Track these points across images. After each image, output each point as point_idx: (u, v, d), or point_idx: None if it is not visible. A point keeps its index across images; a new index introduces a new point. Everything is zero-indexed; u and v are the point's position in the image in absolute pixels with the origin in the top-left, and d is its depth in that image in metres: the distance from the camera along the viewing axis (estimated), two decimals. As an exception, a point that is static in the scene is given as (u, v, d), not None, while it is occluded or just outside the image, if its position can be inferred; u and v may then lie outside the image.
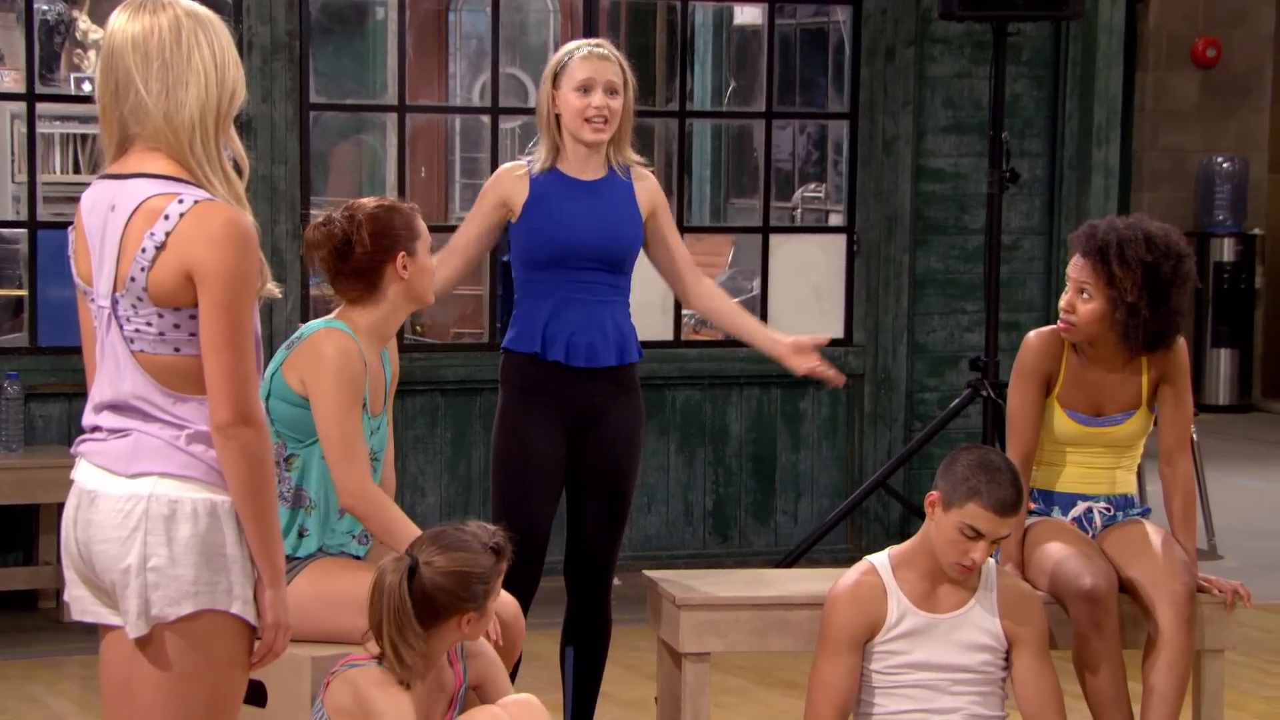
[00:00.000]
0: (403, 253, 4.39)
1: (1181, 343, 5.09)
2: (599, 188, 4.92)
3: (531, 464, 4.88)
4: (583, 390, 4.91)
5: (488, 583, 3.98)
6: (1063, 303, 4.99)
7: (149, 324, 3.28)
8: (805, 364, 5.07)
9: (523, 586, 4.76)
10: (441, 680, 4.07)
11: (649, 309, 5.23)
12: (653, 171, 5.06)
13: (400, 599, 3.90)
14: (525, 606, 4.81)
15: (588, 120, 4.84)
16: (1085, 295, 4.93)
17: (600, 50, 4.91)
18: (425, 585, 3.93)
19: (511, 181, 4.92)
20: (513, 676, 4.46)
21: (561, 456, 4.91)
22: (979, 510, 4.52)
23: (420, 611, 3.93)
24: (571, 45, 4.96)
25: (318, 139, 8.25)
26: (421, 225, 4.47)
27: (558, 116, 4.88)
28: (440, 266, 4.85)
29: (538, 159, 4.92)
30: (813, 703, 4.66)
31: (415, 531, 4.17)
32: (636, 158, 5.01)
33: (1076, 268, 4.98)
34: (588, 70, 4.85)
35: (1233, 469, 10.04)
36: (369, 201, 4.48)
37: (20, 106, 7.63)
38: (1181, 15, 13.01)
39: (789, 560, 7.29)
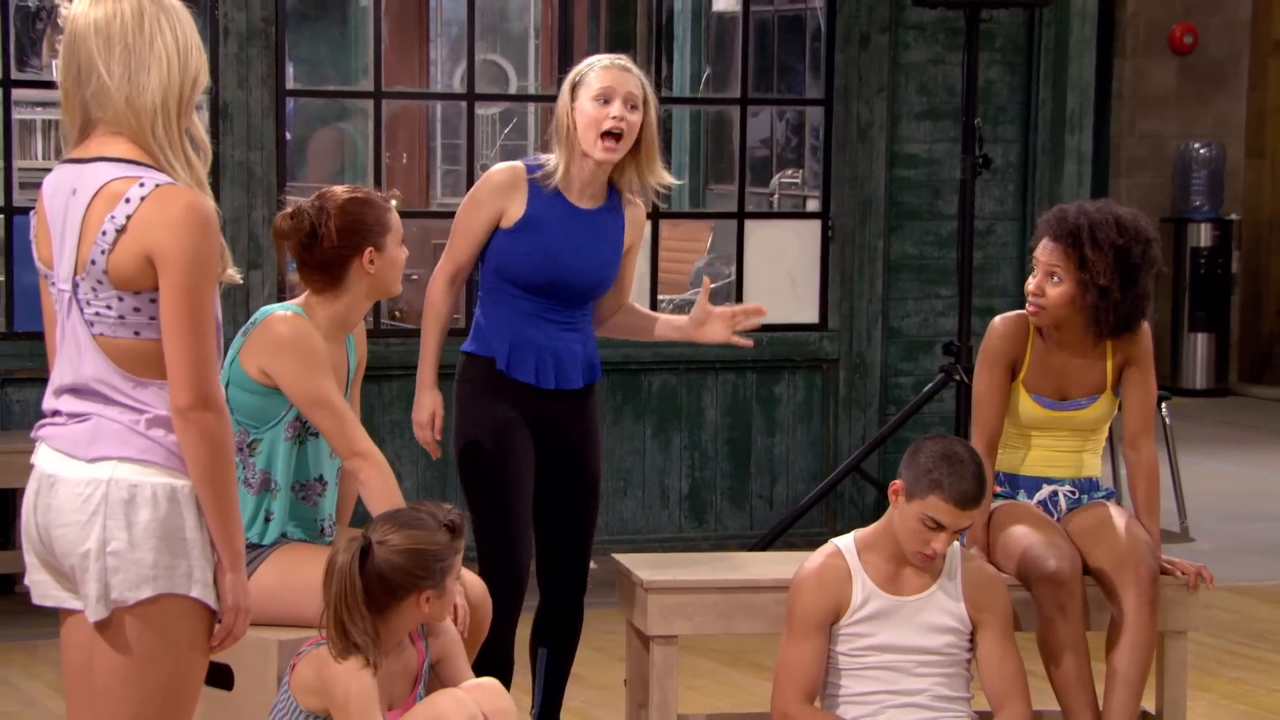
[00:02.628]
0: (370, 248, 4.37)
1: (1146, 327, 5.09)
2: (594, 219, 4.81)
3: (510, 480, 4.80)
4: (547, 410, 4.85)
5: (444, 560, 3.96)
6: (1031, 286, 4.98)
7: (109, 307, 3.27)
8: (714, 331, 4.92)
9: (509, 594, 4.74)
10: (405, 659, 4.07)
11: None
12: (668, 190, 4.94)
13: (350, 578, 3.89)
14: (515, 609, 4.80)
15: (603, 135, 4.69)
16: (1055, 279, 4.93)
17: (622, 63, 4.78)
18: (380, 565, 3.92)
19: (510, 190, 4.78)
20: (483, 655, 4.46)
21: (533, 460, 4.85)
22: (940, 503, 4.52)
23: (378, 591, 3.92)
24: (593, 58, 4.83)
25: (299, 125, 8.25)
26: (392, 219, 4.42)
27: (572, 129, 4.73)
28: (453, 285, 4.85)
29: (547, 168, 4.79)
30: (780, 685, 4.66)
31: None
32: (668, 178, 4.86)
33: (1046, 251, 4.97)
34: (607, 80, 4.72)
35: (1208, 453, 10.05)
36: (341, 191, 4.44)
37: (-2, 92, 7.61)
38: (1159, 2, 13.02)
39: (764, 543, 7.29)
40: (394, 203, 4.49)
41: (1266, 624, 6.87)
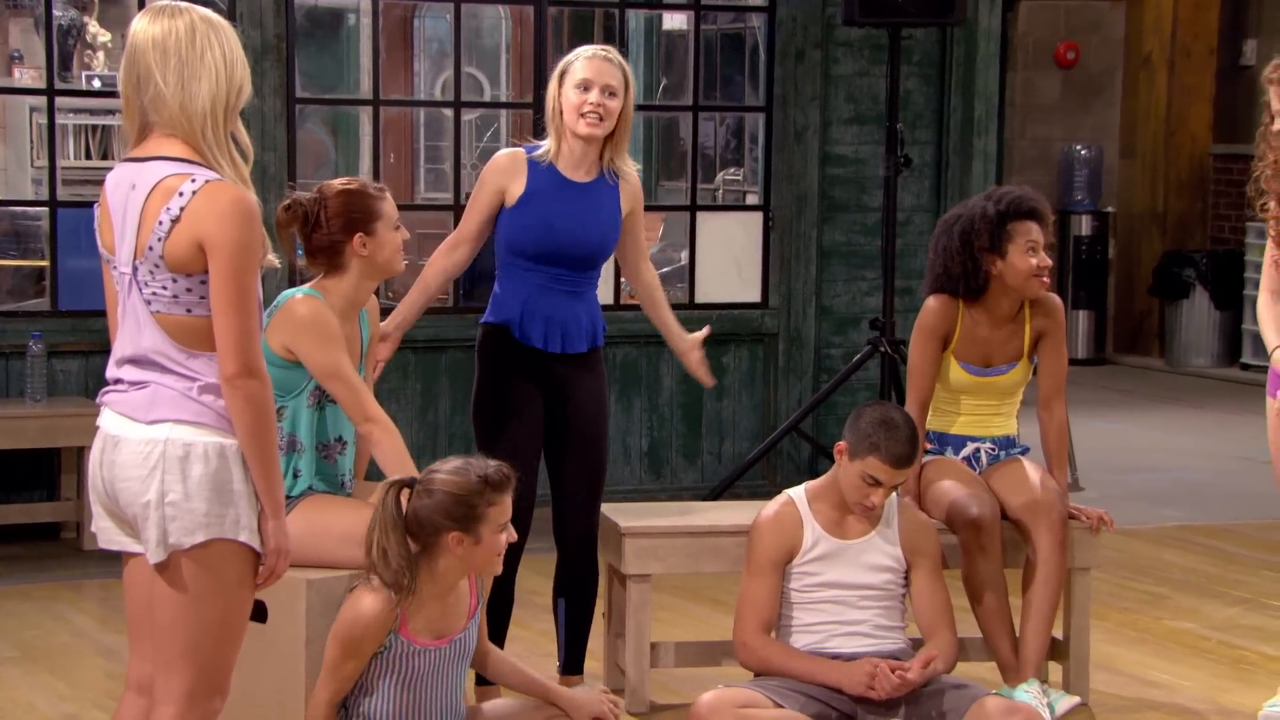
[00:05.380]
0: (360, 233, 4.32)
1: (1060, 303, 5.12)
2: (589, 191, 4.74)
3: (516, 434, 4.71)
4: (555, 372, 4.75)
5: (473, 505, 3.87)
6: (1035, 263, 4.96)
7: (164, 288, 3.25)
8: (694, 364, 5.06)
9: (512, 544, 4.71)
10: (460, 598, 4.01)
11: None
12: (637, 171, 4.88)
13: (389, 509, 3.85)
14: (517, 553, 4.71)
15: (583, 115, 4.65)
16: (1046, 253, 4.98)
17: (604, 53, 4.72)
18: (418, 501, 3.89)
19: (511, 170, 4.73)
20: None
21: (541, 427, 4.76)
22: (878, 463, 4.53)
23: (414, 526, 3.89)
24: (580, 49, 4.76)
25: (302, 129, 8.18)
26: (383, 206, 4.35)
27: (559, 113, 4.69)
28: (452, 252, 4.78)
29: (542, 149, 4.74)
30: (741, 617, 4.66)
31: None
32: (629, 166, 4.81)
33: (1041, 231, 4.97)
34: (588, 70, 4.66)
35: (1091, 414, 10.10)
36: (337, 183, 4.40)
37: (40, 100, 7.57)
38: (1045, 22, 13.04)
39: (714, 494, 7.28)
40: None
41: (1148, 561, 6.91)
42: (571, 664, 4.90)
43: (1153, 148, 12.81)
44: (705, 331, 5.06)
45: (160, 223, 3.22)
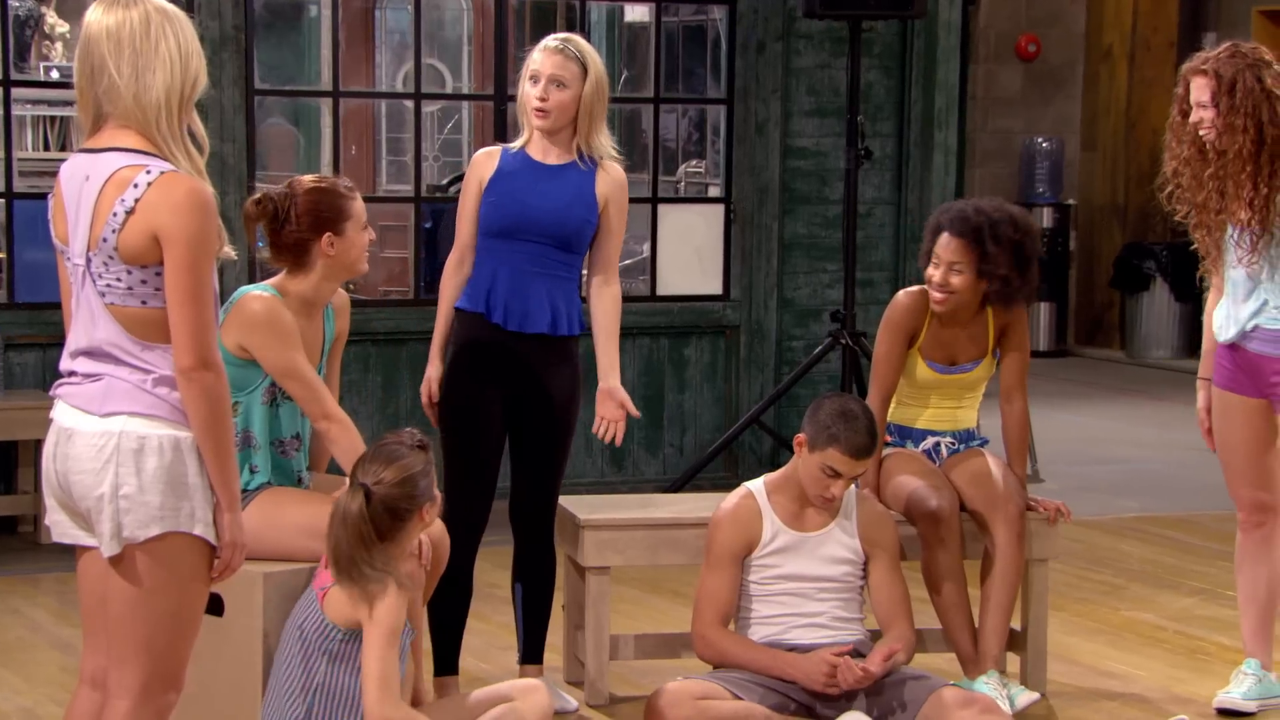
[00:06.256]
0: (329, 233, 4.30)
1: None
2: (559, 172, 4.69)
3: (478, 418, 4.69)
4: (520, 353, 4.68)
5: (428, 475, 3.99)
6: (936, 279, 4.94)
7: (119, 279, 3.24)
8: (605, 408, 4.80)
9: (472, 527, 4.69)
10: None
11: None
12: (624, 164, 4.80)
13: (364, 522, 3.88)
14: (474, 543, 4.72)
15: (533, 109, 4.66)
16: (957, 270, 4.93)
17: (555, 44, 4.67)
18: (383, 500, 3.91)
19: (484, 162, 4.72)
20: (443, 583, 4.42)
21: (501, 415, 4.71)
22: (838, 455, 4.54)
23: (387, 523, 3.92)
24: (545, 39, 4.73)
25: (263, 120, 8.14)
26: (353, 206, 4.32)
27: (522, 107, 4.69)
28: (461, 267, 4.72)
29: (518, 140, 4.74)
30: (700, 610, 4.66)
31: None
32: (610, 149, 4.73)
33: (949, 249, 4.93)
34: (539, 64, 4.65)
35: (1052, 405, 10.14)
36: (308, 180, 4.37)
37: (-4, 91, 7.47)
38: (1007, 15, 13.08)
39: (676, 486, 7.28)
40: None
41: (1107, 553, 6.94)
42: (531, 652, 4.88)
43: (1113, 140, 12.87)
44: (630, 409, 4.84)
45: (114, 214, 3.20)
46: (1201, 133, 4.70)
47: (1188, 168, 4.76)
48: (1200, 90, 4.68)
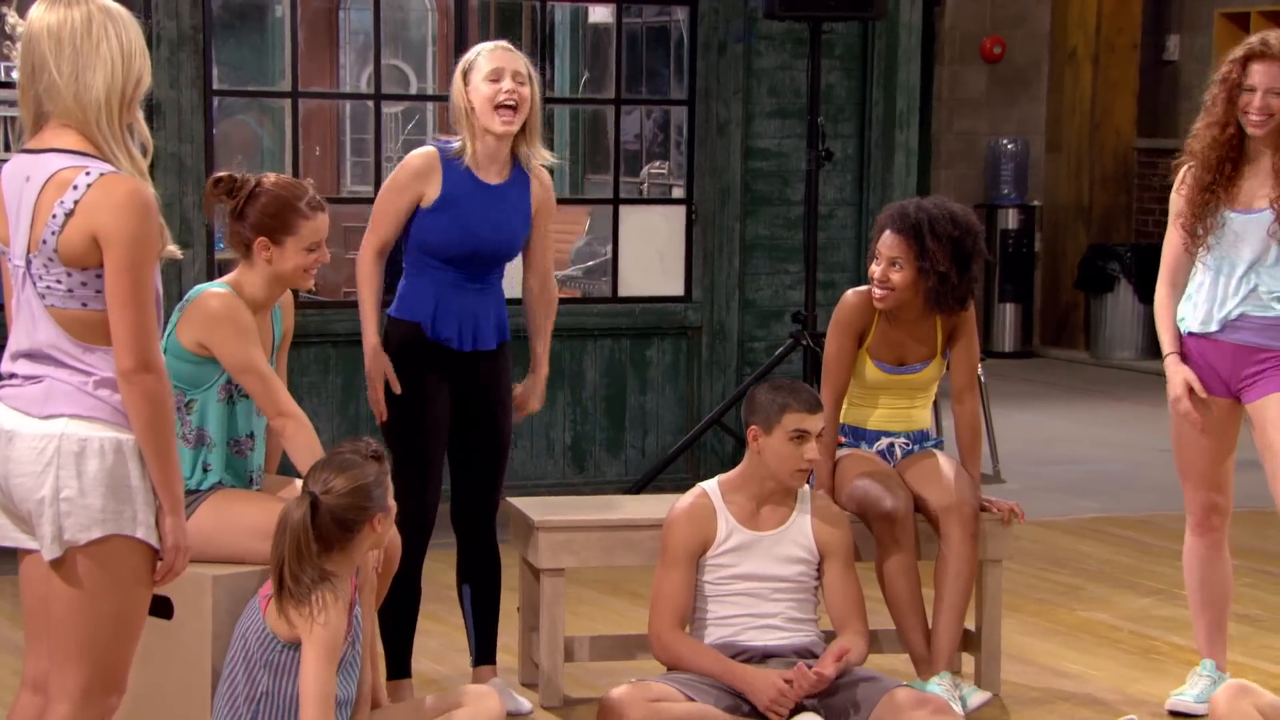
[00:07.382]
0: (266, 238, 4.25)
1: (970, 301, 5.12)
2: (503, 194, 4.69)
3: (428, 428, 4.70)
4: (464, 368, 4.73)
5: (382, 485, 3.95)
6: (876, 274, 4.95)
7: (59, 282, 3.21)
8: (523, 397, 4.90)
9: (421, 528, 4.68)
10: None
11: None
12: (556, 167, 4.84)
13: (305, 531, 3.84)
14: (423, 544, 4.72)
15: (497, 108, 4.59)
16: (897, 266, 4.93)
17: (505, 45, 4.69)
18: (331, 509, 3.88)
19: (426, 174, 4.65)
20: (394, 586, 4.40)
21: (447, 424, 4.74)
22: (796, 415, 4.58)
23: (335, 532, 3.87)
24: (479, 45, 4.72)
25: (225, 119, 8.11)
26: (302, 224, 4.23)
27: (470, 110, 4.63)
28: (380, 260, 4.71)
29: (457, 148, 4.67)
30: (655, 610, 4.65)
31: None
32: (547, 154, 4.75)
33: (889, 244, 4.94)
34: (496, 61, 4.62)
35: (1016, 406, 10.15)
36: (272, 179, 4.32)
37: (-46, 91, 7.44)
38: (972, 17, 13.09)
39: (637, 487, 7.28)
40: (321, 212, 4.30)
41: (1066, 553, 6.95)
42: (483, 654, 4.88)
43: (1078, 142, 12.89)
44: (536, 404, 4.92)
45: (54, 216, 3.18)
46: (1254, 118, 4.65)
47: (1214, 151, 4.70)
48: (1274, 77, 4.61)
